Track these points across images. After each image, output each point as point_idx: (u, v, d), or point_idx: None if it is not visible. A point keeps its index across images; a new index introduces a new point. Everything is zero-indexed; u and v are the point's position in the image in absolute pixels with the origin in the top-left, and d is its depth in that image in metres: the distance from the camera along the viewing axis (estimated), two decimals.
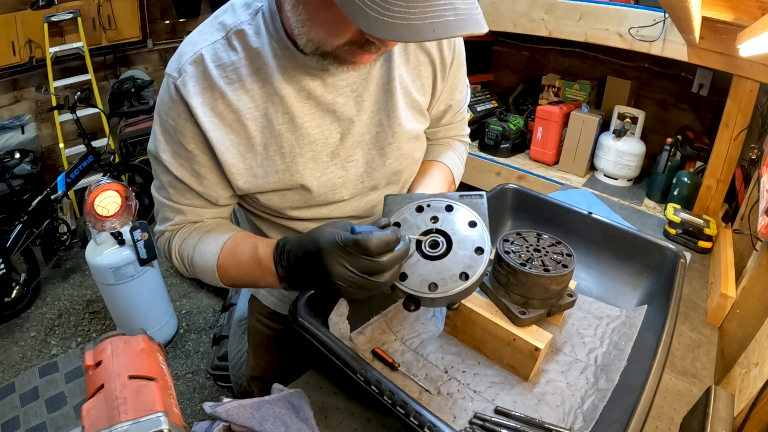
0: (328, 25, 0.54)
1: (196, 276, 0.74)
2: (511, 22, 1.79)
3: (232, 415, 0.59)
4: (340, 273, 0.54)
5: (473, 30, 0.45)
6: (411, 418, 0.55)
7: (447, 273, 0.57)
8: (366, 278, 0.54)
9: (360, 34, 0.54)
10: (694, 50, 1.37)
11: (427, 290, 0.56)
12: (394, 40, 0.44)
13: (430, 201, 0.63)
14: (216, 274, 0.70)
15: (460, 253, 0.58)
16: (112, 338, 0.50)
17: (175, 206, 0.72)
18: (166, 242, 0.75)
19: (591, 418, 0.65)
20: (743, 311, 0.99)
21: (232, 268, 0.69)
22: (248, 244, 0.68)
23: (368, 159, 0.74)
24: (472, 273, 0.56)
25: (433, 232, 0.61)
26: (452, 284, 0.56)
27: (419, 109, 0.77)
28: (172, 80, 0.63)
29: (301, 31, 0.57)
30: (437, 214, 0.62)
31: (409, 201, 0.64)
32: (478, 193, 0.64)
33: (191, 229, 0.74)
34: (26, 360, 2.23)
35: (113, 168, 2.69)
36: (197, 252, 0.71)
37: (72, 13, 2.97)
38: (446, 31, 0.44)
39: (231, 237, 0.70)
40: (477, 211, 0.62)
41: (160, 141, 0.67)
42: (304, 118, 0.67)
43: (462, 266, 0.57)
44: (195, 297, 2.66)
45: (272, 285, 0.65)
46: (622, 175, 1.81)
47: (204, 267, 0.70)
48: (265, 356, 1.05)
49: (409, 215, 0.62)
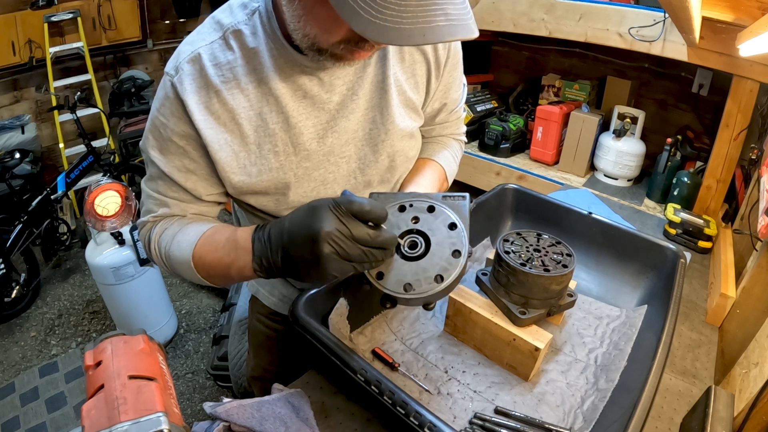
0: (322, 22, 0.54)
1: (174, 270, 0.71)
2: (511, 22, 1.79)
3: (232, 415, 0.59)
4: (330, 231, 0.51)
5: (463, 36, 0.45)
6: (411, 418, 0.55)
7: (422, 274, 0.57)
8: (355, 245, 0.52)
9: (354, 33, 0.54)
10: (694, 50, 1.37)
11: (402, 291, 0.57)
12: (385, 43, 0.44)
13: (413, 201, 0.64)
14: (191, 263, 0.67)
15: (437, 255, 0.58)
16: (112, 338, 0.50)
17: (160, 198, 0.72)
18: (147, 232, 0.74)
19: (591, 418, 0.65)
20: (743, 311, 0.99)
21: (208, 254, 0.66)
22: (227, 230, 0.67)
23: (361, 155, 0.75)
24: (447, 275, 0.56)
25: (413, 232, 0.61)
26: (426, 286, 0.56)
27: (413, 108, 0.78)
28: (169, 78, 0.64)
29: (297, 27, 0.57)
30: (419, 214, 0.62)
31: (393, 200, 0.64)
32: (461, 195, 0.64)
33: (173, 221, 0.73)
34: (26, 360, 2.23)
35: (113, 168, 2.69)
36: (175, 241, 0.69)
37: (72, 13, 2.97)
38: (436, 36, 0.44)
39: (212, 227, 0.70)
40: (458, 213, 0.62)
41: (150, 138, 0.68)
42: (299, 117, 0.68)
43: (438, 269, 0.57)
44: (195, 297, 2.66)
45: (244, 271, 0.62)
46: (622, 175, 1.81)
47: (180, 256, 0.68)
48: (266, 356, 1.05)
49: (391, 214, 0.63)
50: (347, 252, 0.52)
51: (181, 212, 0.73)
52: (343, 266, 0.53)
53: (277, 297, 0.95)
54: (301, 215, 0.55)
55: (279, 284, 0.94)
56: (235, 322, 1.71)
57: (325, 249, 0.52)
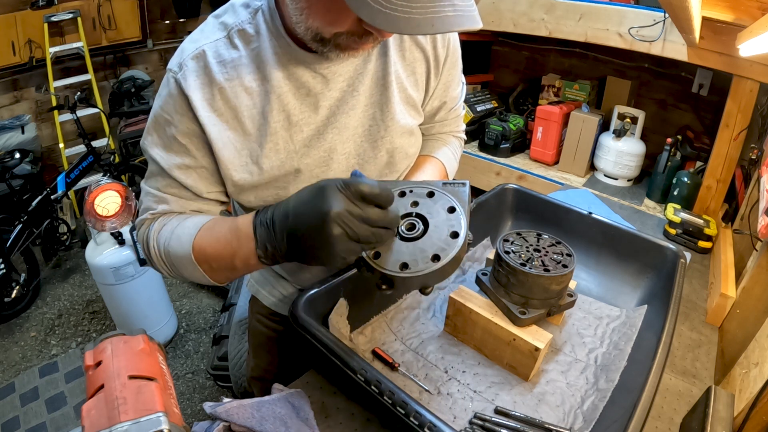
0: (326, 13, 0.54)
1: (172, 267, 0.69)
2: (511, 22, 1.79)
3: (232, 415, 0.59)
4: (340, 212, 0.50)
5: (469, 26, 0.46)
6: (411, 418, 0.55)
7: (420, 254, 0.57)
8: (364, 226, 0.51)
9: (358, 24, 0.54)
10: (694, 50, 1.37)
11: (398, 269, 0.56)
12: (395, 32, 0.45)
13: (413, 187, 0.64)
14: (192, 256, 0.65)
15: (434, 236, 0.58)
16: (112, 338, 0.50)
17: (160, 195, 0.71)
18: (146, 229, 0.72)
19: (591, 418, 0.65)
20: (743, 311, 0.99)
21: (209, 246, 0.64)
22: (227, 220, 0.66)
23: (360, 152, 0.75)
24: (444, 255, 0.56)
25: (412, 215, 0.61)
26: (423, 265, 0.56)
27: (413, 105, 0.78)
28: (173, 74, 0.64)
29: (300, 19, 0.57)
30: (418, 199, 0.63)
31: (393, 186, 0.65)
32: (461, 182, 0.65)
33: (171, 217, 0.71)
34: (26, 360, 2.23)
35: (113, 168, 2.69)
36: (174, 236, 0.67)
37: (72, 13, 2.97)
38: (444, 26, 0.45)
39: (211, 219, 0.69)
40: (458, 198, 0.62)
41: (153, 134, 0.68)
42: (301, 115, 0.68)
43: (435, 248, 0.57)
44: (195, 297, 2.66)
45: (249, 259, 0.60)
46: (622, 175, 1.81)
47: (179, 250, 0.66)
48: (266, 357, 1.05)
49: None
50: (357, 233, 0.51)
51: (180, 209, 0.72)
52: (351, 247, 0.52)
53: (276, 297, 0.95)
54: (308, 195, 0.53)
55: (279, 284, 0.94)
56: (235, 322, 1.71)
57: (335, 230, 0.50)
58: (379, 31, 0.53)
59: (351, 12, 0.48)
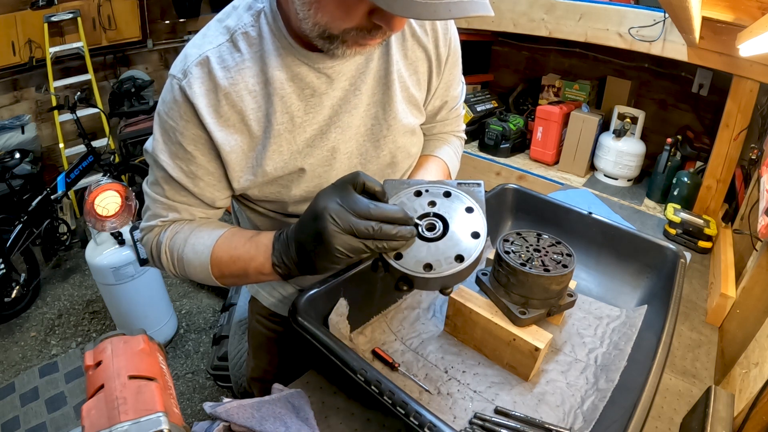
0: (336, 8, 0.54)
1: (183, 272, 0.73)
2: (511, 22, 1.79)
3: (232, 415, 0.59)
4: (328, 206, 0.54)
5: (483, 12, 0.46)
6: (411, 418, 0.55)
7: (442, 255, 0.57)
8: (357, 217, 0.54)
9: (368, 18, 0.54)
10: (694, 50, 1.37)
11: (421, 270, 0.56)
12: (413, 17, 0.44)
13: (429, 187, 0.64)
14: (209, 266, 0.69)
15: (456, 237, 0.58)
16: (112, 338, 0.50)
17: (168, 203, 0.72)
18: (156, 237, 0.74)
19: (591, 418, 0.65)
20: (743, 311, 0.99)
21: (226, 253, 0.68)
22: (247, 232, 0.70)
23: (362, 151, 0.75)
24: (467, 256, 0.56)
25: (430, 216, 0.61)
26: (447, 266, 0.56)
27: (416, 104, 0.78)
28: (177, 81, 0.64)
29: (307, 15, 0.56)
30: (435, 199, 0.62)
31: (407, 186, 0.65)
32: (476, 182, 0.65)
33: (183, 224, 0.73)
34: (26, 360, 2.23)
35: (113, 168, 2.69)
36: (189, 245, 0.70)
37: (72, 13, 2.97)
38: (461, 11, 0.45)
39: (228, 230, 0.71)
40: (474, 198, 0.63)
41: (159, 141, 0.68)
42: (305, 117, 0.68)
43: (458, 249, 0.57)
44: (195, 297, 2.66)
45: (263, 268, 0.66)
46: (622, 175, 1.81)
47: (195, 259, 0.69)
48: (265, 358, 1.05)
49: (407, 199, 0.63)
50: (350, 225, 0.54)
51: (190, 216, 0.74)
52: (347, 240, 0.54)
53: (276, 298, 0.95)
54: (310, 204, 0.58)
55: (278, 285, 0.94)
56: (235, 322, 1.71)
57: (328, 224, 0.54)
58: (389, 25, 0.53)
59: (362, 6, 0.48)
